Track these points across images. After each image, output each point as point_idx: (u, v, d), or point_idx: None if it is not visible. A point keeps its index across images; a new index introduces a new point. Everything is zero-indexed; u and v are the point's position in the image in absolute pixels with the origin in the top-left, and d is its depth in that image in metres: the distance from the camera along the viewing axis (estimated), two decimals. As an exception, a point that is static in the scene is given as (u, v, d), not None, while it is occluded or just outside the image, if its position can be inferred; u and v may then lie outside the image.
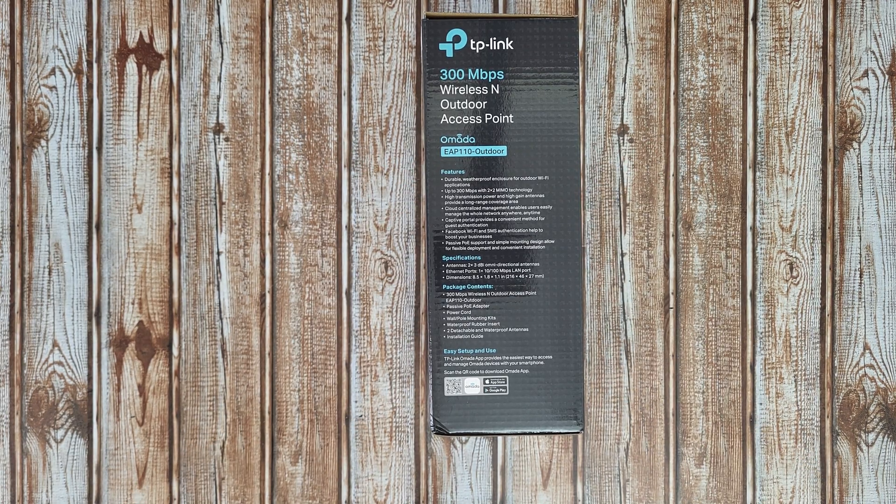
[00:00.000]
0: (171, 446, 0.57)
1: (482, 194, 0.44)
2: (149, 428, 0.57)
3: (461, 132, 0.44)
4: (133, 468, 0.57)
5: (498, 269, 0.45)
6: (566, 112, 0.45)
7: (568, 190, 0.45)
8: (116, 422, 0.57)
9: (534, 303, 0.45)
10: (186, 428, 0.57)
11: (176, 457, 0.57)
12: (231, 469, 0.57)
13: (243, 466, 0.57)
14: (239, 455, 0.57)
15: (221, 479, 0.57)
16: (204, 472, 0.57)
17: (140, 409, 0.57)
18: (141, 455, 0.57)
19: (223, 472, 0.57)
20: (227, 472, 0.57)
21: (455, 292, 0.45)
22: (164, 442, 0.57)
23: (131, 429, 0.57)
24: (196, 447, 0.57)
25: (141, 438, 0.57)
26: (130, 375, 0.57)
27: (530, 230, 0.45)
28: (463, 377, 0.45)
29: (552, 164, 0.45)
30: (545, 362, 0.45)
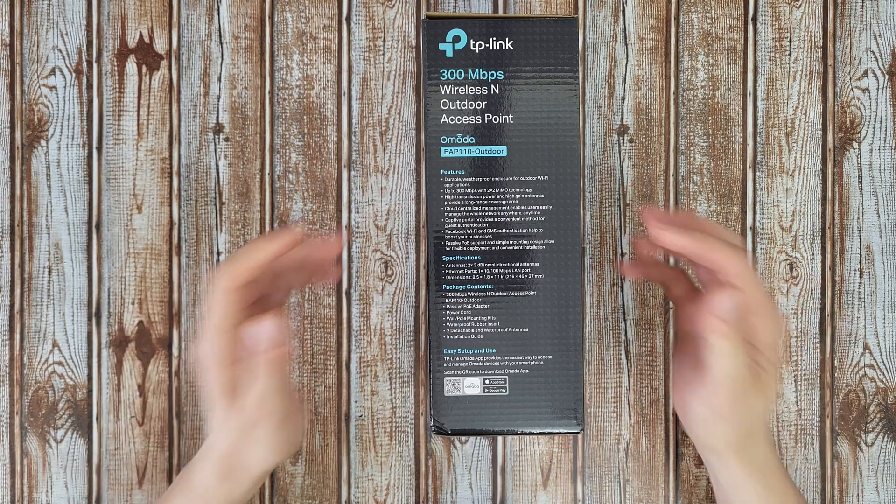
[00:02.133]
0: (171, 446, 0.57)
1: (482, 194, 0.44)
2: (149, 428, 0.57)
3: (461, 132, 0.44)
4: (133, 468, 0.57)
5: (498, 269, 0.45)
6: (566, 112, 0.45)
7: (568, 190, 0.45)
8: (116, 422, 0.57)
9: (534, 303, 0.45)
10: (186, 428, 0.57)
11: (176, 457, 0.57)
12: (231, 469, 0.57)
13: (243, 466, 0.57)
14: (239, 455, 0.57)
15: (221, 479, 0.57)
16: (204, 472, 0.57)
17: (140, 409, 0.57)
18: (141, 455, 0.57)
19: (223, 472, 0.57)
20: (227, 472, 0.57)
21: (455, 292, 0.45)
22: (164, 442, 0.57)
23: (131, 429, 0.57)
24: (196, 447, 0.57)
25: (141, 438, 0.57)
26: (130, 375, 0.57)
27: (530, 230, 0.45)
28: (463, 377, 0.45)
29: (552, 165, 0.45)
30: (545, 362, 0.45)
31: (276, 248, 0.43)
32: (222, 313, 0.42)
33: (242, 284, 0.42)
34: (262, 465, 0.45)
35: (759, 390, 0.44)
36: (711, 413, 0.44)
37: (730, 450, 0.45)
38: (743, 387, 0.43)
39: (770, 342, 0.43)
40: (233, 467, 0.45)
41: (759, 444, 0.46)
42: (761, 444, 0.46)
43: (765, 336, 0.43)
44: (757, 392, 0.44)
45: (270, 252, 0.42)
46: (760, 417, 0.45)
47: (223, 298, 0.42)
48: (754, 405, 0.44)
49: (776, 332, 0.43)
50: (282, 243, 0.43)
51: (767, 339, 0.43)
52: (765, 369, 0.44)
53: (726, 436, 0.45)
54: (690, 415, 0.46)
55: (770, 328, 0.43)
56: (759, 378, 0.44)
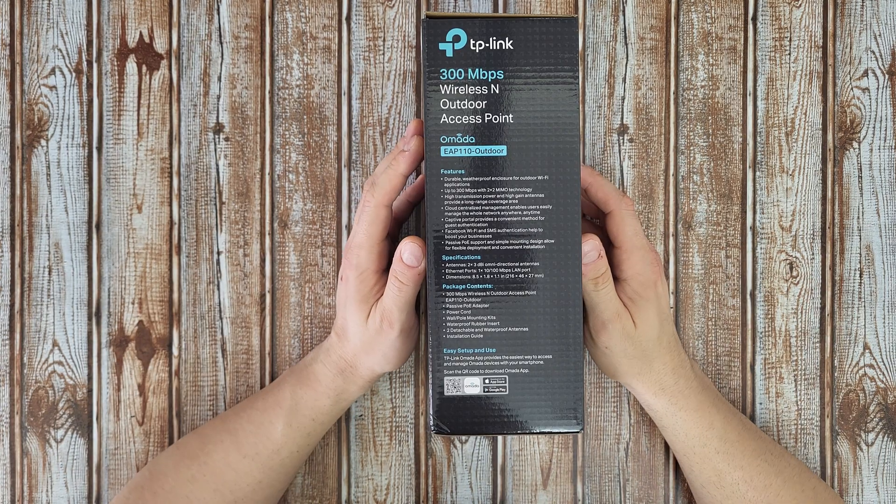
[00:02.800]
0: (170, 446, 0.57)
1: (482, 194, 0.44)
2: (149, 428, 0.57)
3: (461, 132, 0.44)
4: (133, 468, 0.57)
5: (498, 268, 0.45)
6: (566, 112, 0.45)
7: (568, 190, 0.45)
8: (116, 422, 0.57)
9: (534, 302, 0.45)
10: (186, 428, 0.57)
11: (176, 456, 0.57)
12: (231, 469, 0.57)
13: (243, 466, 0.57)
14: (239, 455, 0.57)
15: (221, 479, 0.57)
16: (204, 472, 0.57)
17: (140, 408, 0.57)
18: (141, 455, 0.57)
19: (223, 472, 0.57)
20: (227, 472, 0.57)
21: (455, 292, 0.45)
22: (164, 442, 0.57)
23: (131, 429, 0.57)
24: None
25: (141, 438, 0.57)
26: (130, 375, 0.57)
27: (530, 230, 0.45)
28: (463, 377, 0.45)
29: (552, 164, 0.44)
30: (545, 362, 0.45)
31: (411, 162, 0.47)
32: (377, 224, 0.47)
33: (391, 201, 0.47)
34: (374, 372, 0.51)
35: (639, 318, 0.49)
36: (599, 343, 0.50)
37: (630, 377, 0.51)
38: (612, 315, 0.48)
39: (637, 273, 0.48)
40: (349, 368, 0.51)
41: (660, 370, 0.51)
42: (664, 371, 0.51)
43: (631, 269, 0.48)
44: (634, 321, 0.49)
45: (407, 167, 0.47)
46: (647, 342, 0.50)
47: (377, 212, 0.47)
48: (634, 333, 0.49)
49: (644, 264, 0.48)
50: (413, 157, 0.47)
51: (635, 270, 0.48)
52: (634, 300, 0.49)
53: (621, 365, 0.51)
54: (595, 356, 0.52)
55: (636, 261, 0.48)
56: (636, 307, 0.49)
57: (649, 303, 0.49)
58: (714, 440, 0.52)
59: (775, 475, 0.52)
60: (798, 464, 0.54)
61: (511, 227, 0.45)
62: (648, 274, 0.49)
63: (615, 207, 0.48)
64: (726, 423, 0.52)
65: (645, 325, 0.49)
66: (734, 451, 0.52)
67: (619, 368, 0.51)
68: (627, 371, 0.51)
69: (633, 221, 0.49)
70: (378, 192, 0.47)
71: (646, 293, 0.49)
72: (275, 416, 0.51)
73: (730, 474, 0.52)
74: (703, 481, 0.53)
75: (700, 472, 0.53)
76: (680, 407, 0.52)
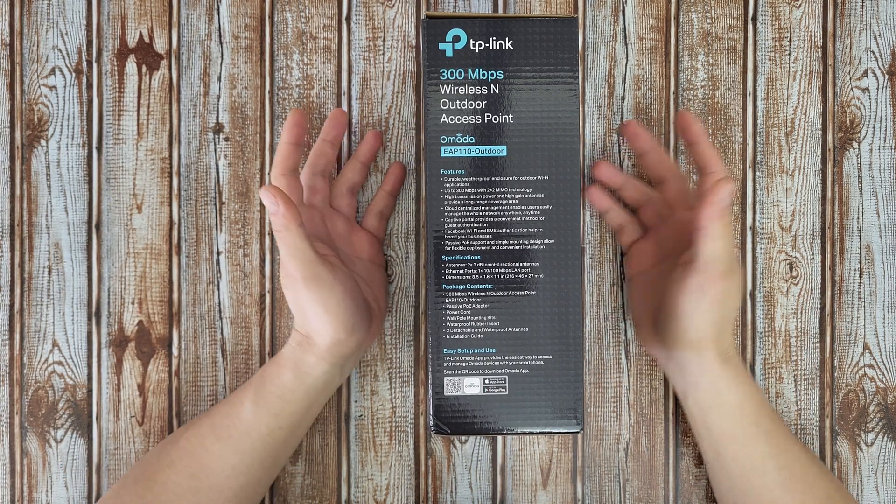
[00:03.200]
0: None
1: (482, 194, 0.44)
2: (149, 428, 0.57)
3: (461, 132, 0.44)
4: (133, 468, 0.57)
5: (498, 268, 0.45)
6: (566, 112, 0.45)
7: (568, 190, 0.45)
8: (116, 422, 0.57)
9: (533, 302, 0.45)
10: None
11: (176, 457, 0.57)
12: (231, 469, 0.57)
13: (243, 466, 0.57)
14: (239, 455, 0.57)
15: (221, 479, 0.57)
16: (204, 472, 0.57)
17: (140, 408, 0.57)
18: (141, 455, 0.57)
19: (223, 472, 0.57)
20: (226, 472, 0.57)
21: (455, 292, 0.45)
22: (164, 442, 0.57)
23: (131, 429, 0.57)
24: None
25: (141, 438, 0.57)
26: (130, 375, 0.57)
27: (530, 230, 0.45)
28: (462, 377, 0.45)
29: (552, 164, 0.44)
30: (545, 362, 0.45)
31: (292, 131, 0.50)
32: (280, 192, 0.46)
33: (288, 170, 0.49)
34: (326, 338, 0.48)
35: (737, 276, 0.47)
36: (704, 297, 0.47)
37: (710, 340, 0.48)
38: (729, 268, 0.46)
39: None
40: (304, 339, 0.50)
41: (730, 340, 0.50)
42: (730, 340, 0.50)
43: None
44: (737, 277, 0.47)
45: (291, 136, 0.50)
46: (736, 306, 0.49)
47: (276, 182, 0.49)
48: (735, 291, 0.47)
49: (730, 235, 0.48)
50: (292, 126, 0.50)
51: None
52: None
53: (713, 321, 0.48)
54: (677, 313, 0.48)
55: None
56: (735, 264, 0.47)
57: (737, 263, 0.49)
58: (765, 420, 0.50)
59: (811, 463, 0.51)
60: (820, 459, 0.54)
61: (511, 227, 0.45)
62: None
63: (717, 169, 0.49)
64: (770, 404, 0.52)
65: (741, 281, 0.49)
66: (779, 435, 0.51)
67: (707, 328, 0.48)
68: (711, 331, 0.48)
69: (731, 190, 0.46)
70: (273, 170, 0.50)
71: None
72: (244, 395, 0.51)
73: (774, 459, 0.50)
74: (744, 468, 0.50)
75: (745, 456, 0.50)
76: (741, 380, 0.50)
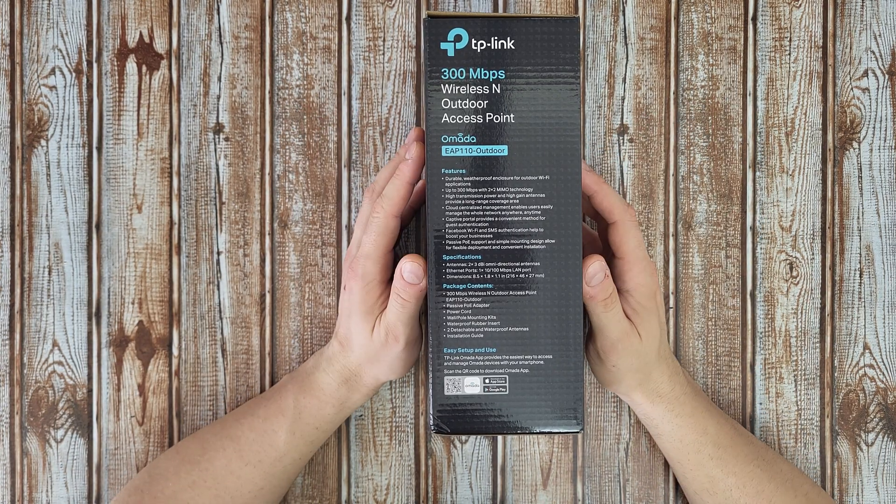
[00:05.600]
0: (170, 446, 0.57)
1: (483, 194, 0.44)
2: (149, 428, 0.57)
3: (462, 131, 0.44)
4: (133, 468, 0.57)
5: (498, 268, 0.45)
6: (567, 112, 0.45)
7: (568, 189, 0.45)
8: (116, 422, 0.57)
9: (534, 302, 0.45)
10: (186, 428, 0.57)
11: (176, 457, 0.57)
12: (231, 469, 0.57)
13: (243, 466, 0.57)
14: (239, 455, 0.57)
15: (221, 479, 0.57)
16: (204, 472, 0.57)
17: (140, 408, 0.57)
18: (141, 455, 0.57)
19: (223, 472, 0.57)
20: (227, 472, 0.57)
21: (455, 291, 0.45)
22: (164, 442, 0.57)
23: (131, 429, 0.57)
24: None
25: (141, 438, 0.57)
26: (130, 375, 0.57)
27: (531, 230, 0.45)
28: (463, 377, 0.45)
29: (553, 164, 0.44)
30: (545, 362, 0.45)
31: (415, 170, 0.47)
32: (386, 236, 0.47)
33: (400, 211, 0.47)
34: (378, 380, 0.52)
35: (643, 330, 0.49)
36: (604, 364, 0.50)
37: (632, 388, 0.51)
38: (621, 334, 0.48)
39: (639, 284, 0.48)
40: (353, 378, 0.51)
41: (657, 379, 0.51)
42: (661, 379, 0.52)
43: (633, 280, 0.48)
44: (640, 333, 0.49)
45: (412, 175, 0.47)
46: (650, 353, 0.50)
47: (386, 223, 0.47)
48: (640, 346, 0.49)
49: (646, 275, 0.48)
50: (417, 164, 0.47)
51: (637, 282, 0.48)
52: (638, 312, 0.48)
53: (623, 379, 0.51)
54: (598, 373, 0.52)
55: (637, 273, 0.48)
56: (639, 318, 0.49)
57: (652, 314, 0.49)
58: (708, 445, 0.52)
59: (767, 481, 0.52)
60: (791, 468, 0.54)
61: (512, 226, 0.45)
62: (650, 284, 0.49)
63: (619, 218, 0.48)
64: (719, 428, 0.53)
65: (649, 337, 0.49)
66: (727, 457, 0.52)
67: (622, 382, 0.51)
68: (629, 383, 0.51)
69: (637, 233, 0.48)
70: (387, 203, 0.47)
71: (649, 304, 0.49)
72: (278, 424, 0.51)
73: (723, 480, 0.52)
74: (696, 488, 0.54)
75: (693, 478, 0.53)
76: (676, 413, 0.52)
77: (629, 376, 0.50)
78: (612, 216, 0.48)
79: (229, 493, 0.51)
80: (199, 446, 0.52)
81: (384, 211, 0.47)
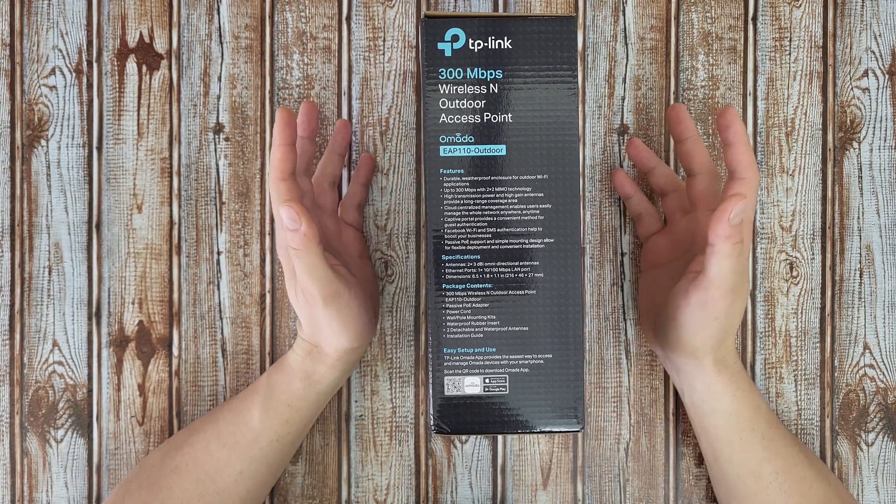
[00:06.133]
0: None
1: (481, 193, 0.44)
2: (149, 428, 0.57)
3: (460, 131, 0.44)
4: (133, 468, 0.57)
5: (497, 268, 0.45)
6: (565, 111, 0.45)
7: (567, 188, 0.44)
8: (116, 422, 0.57)
9: (533, 302, 0.45)
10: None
11: (176, 456, 0.57)
12: (231, 469, 0.57)
13: (243, 466, 0.57)
14: (239, 455, 0.57)
15: (221, 479, 0.57)
16: (204, 472, 0.57)
17: (140, 408, 0.57)
18: (141, 455, 0.57)
19: (223, 472, 0.57)
20: (226, 472, 0.57)
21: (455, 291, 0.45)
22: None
23: (131, 429, 0.57)
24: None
25: (141, 438, 0.57)
26: (130, 375, 0.57)
27: (530, 229, 0.45)
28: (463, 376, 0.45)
29: (551, 163, 0.44)
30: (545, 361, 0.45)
31: (285, 133, 0.45)
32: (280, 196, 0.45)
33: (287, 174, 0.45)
34: (338, 348, 0.50)
35: (744, 289, 0.47)
36: (707, 314, 0.47)
37: (709, 350, 0.49)
38: (736, 284, 0.46)
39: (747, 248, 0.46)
40: (314, 349, 0.51)
41: (727, 348, 0.50)
42: (730, 349, 0.51)
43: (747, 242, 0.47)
44: (744, 293, 0.47)
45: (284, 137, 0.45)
46: (739, 317, 0.48)
47: (277, 187, 0.45)
48: (739, 305, 0.47)
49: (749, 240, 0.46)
50: (284, 127, 0.45)
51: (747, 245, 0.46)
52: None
53: (713, 335, 0.48)
54: (677, 323, 0.49)
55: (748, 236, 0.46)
56: (744, 278, 0.47)
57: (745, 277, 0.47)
58: (762, 423, 0.51)
59: (809, 467, 0.52)
60: (820, 460, 0.54)
61: (510, 226, 0.45)
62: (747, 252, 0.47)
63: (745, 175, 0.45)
64: (768, 407, 0.52)
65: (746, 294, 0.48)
66: (777, 438, 0.51)
67: (706, 341, 0.48)
68: (711, 344, 0.49)
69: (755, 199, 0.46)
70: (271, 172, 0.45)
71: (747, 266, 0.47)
72: (252, 402, 0.52)
73: (770, 462, 0.51)
74: (740, 472, 0.51)
75: (742, 461, 0.51)
76: (737, 387, 0.51)
77: (717, 334, 0.48)
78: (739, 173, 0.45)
79: (209, 476, 0.50)
80: (185, 432, 0.53)
81: (271, 178, 0.45)
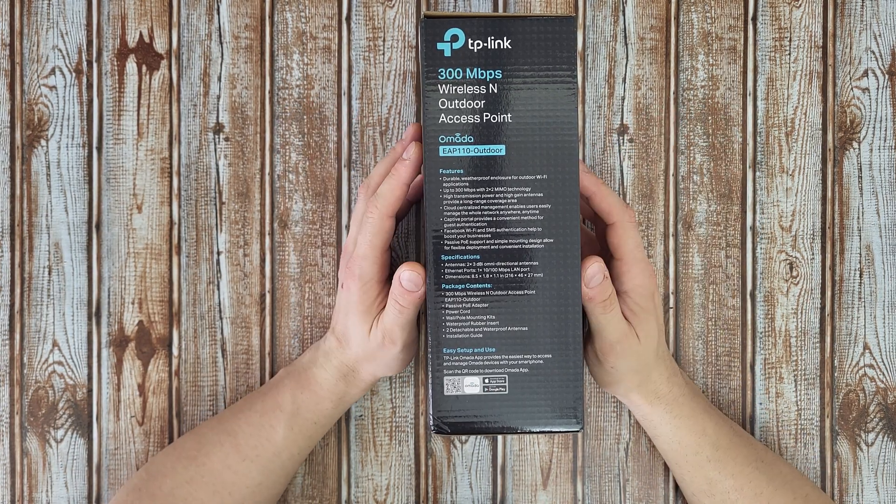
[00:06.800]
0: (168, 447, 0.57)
1: (481, 193, 0.44)
2: (149, 428, 0.57)
3: (459, 131, 0.44)
4: (133, 468, 0.57)
5: (497, 268, 0.45)
6: (565, 111, 0.45)
7: (567, 189, 0.44)
8: (116, 422, 0.57)
9: (533, 302, 0.45)
10: (186, 428, 0.57)
11: (176, 456, 0.57)
12: (231, 469, 0.57)
13: (243, 466, 0.57)
14: (239, 455, 0.57)
15: (221, 479, 0.57)
16: (204, 472, 0.57)
17: (140, 408, 0.57)
18: (141, 455, 0.57)
19: (223, 472, 0.57)
20: (226, 472, 0.57)
21: (454, 291, 0.45)
22: (164, 442, 0.57)
23: (131, 429, 0.57)
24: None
25: (141, 438, 0.57)
26: (130, 375, 0.57)
27: (529, 229, 0.45)
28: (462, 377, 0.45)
29: (551, 163, 0.44)
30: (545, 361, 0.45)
31: (413, 170, 0.46)
32: (381, 236, 0.46)
33: (395, 211, 0.47)
34: (375, 377, 0.52)
35: (642, 331, 0.49)
36: (603, 365, 0.50)
37: (631, 389, 0.51)
38: (620, 335, 0.48)
39: (637, 286, 0.48)
40: (351, 373, 0.51)
41: (656, 380, 0.51)
42: (660, 380, 0.52)
43: (631, 282, 0.48)
44: (638, 335, 0.49)
45: (409, 176, 0.46)
46: (649, 354, 0.50)
47: (381, 224, 0.46)
48: (638, 347, 0.49)
49: (645, 276, 0.48)
50: (414, 165, 0.46)
51: (636, 283, 0.48)
52: (636, 313, 0.48)
53: (619, 381, 0.51)
54: (596, 374, 0.52)
55: (636, 273, 0.48)
56: (638, 320, 0.48)
57: (650, 315, 0.49)
58: (706, 447, 0.52)
59: (766, 483, 0.52)
60: (790, 470, 0.54)
61: (510, 226, 0.45)
62: (649, 286, 0.48)
63: (618, 219, 0.47)
64: (718, 429, 0.53)
65: (647, 337, 0.49)
66: (726, 459, 0.52)
67: (620, 383, 0.51)
68: (628, 384, 0.51)
69: (636, 234, 0.48)
70: (381, 202, 0.46)
71: (647, 305, 0.48)
72: (275, 419, 0.51)
73: (721, 482, 0.52)
74: (694, 490, 0.54)
75: (692, 480, 0.53)
76: (675, 414, 0.52)
77: (627, 377, 0.50)
78: (611, 217, 0.48)
79: (227, 488, 0.51)
80: (196, 442, 0.52)
81: (378, 211, 0.46)
